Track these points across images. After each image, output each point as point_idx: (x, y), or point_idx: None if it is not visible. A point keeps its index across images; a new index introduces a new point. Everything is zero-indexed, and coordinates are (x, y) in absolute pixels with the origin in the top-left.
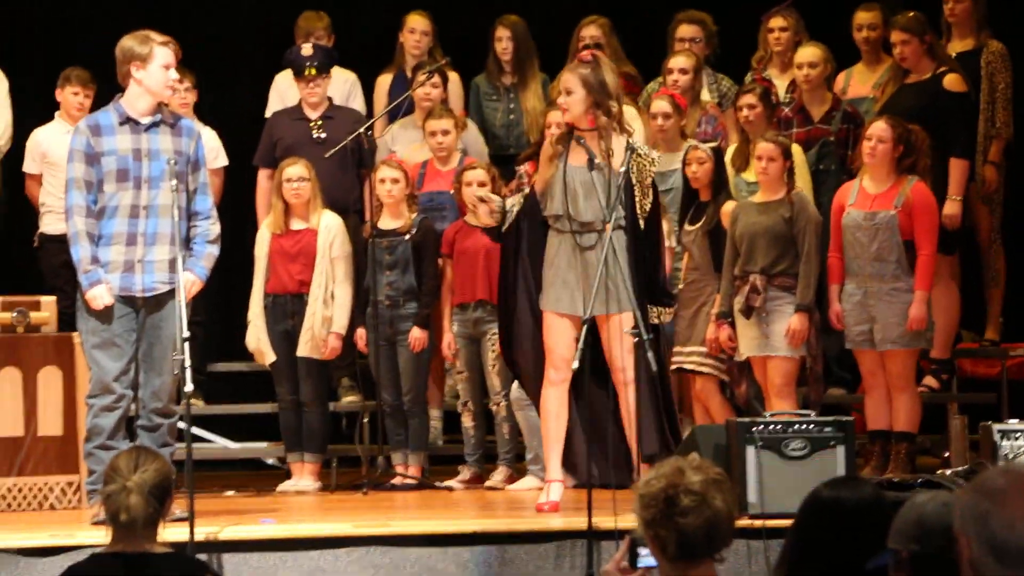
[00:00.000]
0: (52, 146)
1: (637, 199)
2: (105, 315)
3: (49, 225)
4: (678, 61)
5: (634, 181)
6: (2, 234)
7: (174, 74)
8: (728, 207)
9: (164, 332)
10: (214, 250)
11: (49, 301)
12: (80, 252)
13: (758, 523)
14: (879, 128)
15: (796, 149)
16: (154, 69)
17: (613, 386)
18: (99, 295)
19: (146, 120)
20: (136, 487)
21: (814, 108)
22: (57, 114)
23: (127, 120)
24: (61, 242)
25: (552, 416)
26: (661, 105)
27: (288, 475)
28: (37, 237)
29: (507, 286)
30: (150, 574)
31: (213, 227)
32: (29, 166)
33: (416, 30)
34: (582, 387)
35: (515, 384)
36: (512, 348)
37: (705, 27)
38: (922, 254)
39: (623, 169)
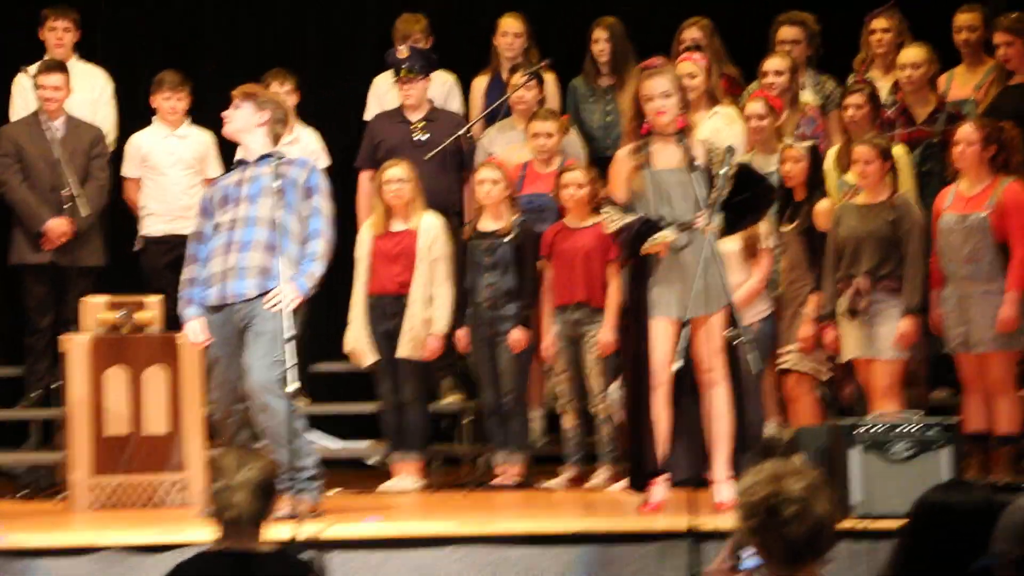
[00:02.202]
0: (153, 150)
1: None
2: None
3: (151, 227)
4: (773, 63)
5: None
6: (117, 236)
7: None
8: (823, 206)
9: (259, 332)
10: (316, 267)
11: (153, 301)
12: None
13: (861, 526)
14: (966, 131)
15: (901, 151)
16: None
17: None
18: (189, 332)
19: (254, 158)
20: (241, 485)
21: (917, 109)
22: (155, 118)
23: (240, 163)
24: (164, 243)
25: (654, 419)
26: (755, 107)
27: (390, 474)
28: (139, 240)
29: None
30: (256, 572)
31: (319, 245)
32: (128, 170)
33: (509, 32)
34: (684, 387)
35: (614, 385)
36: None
37: (807, 28)
38: (1015, 255)
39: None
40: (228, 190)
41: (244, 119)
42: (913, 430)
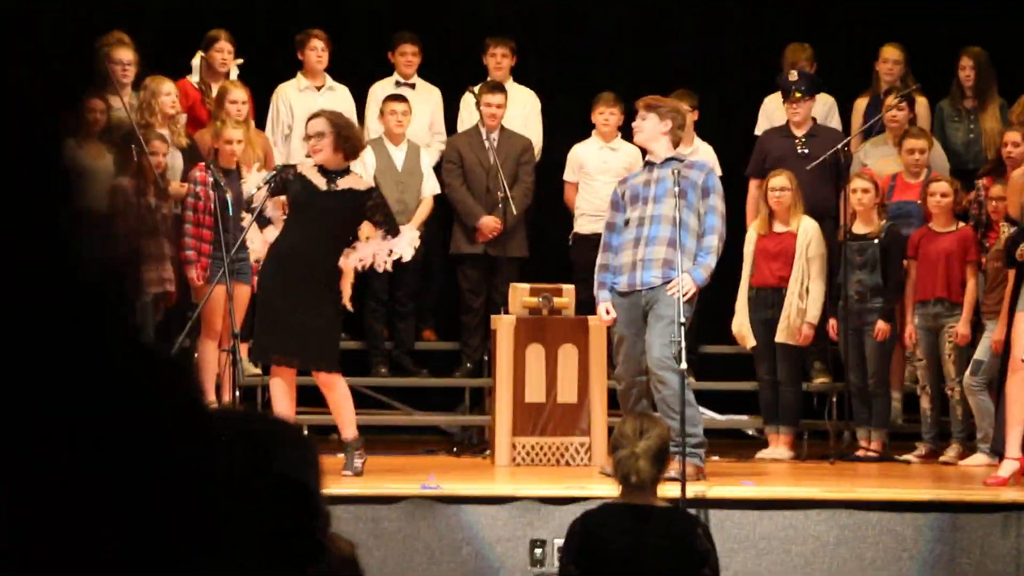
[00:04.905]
0: (589, 160)
1: None
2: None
3: (583, 226)
4: None
5: None
6: (539, 232)
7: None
8: None
9: (659, 315)
10: (711, 260)
11: (569, 288)
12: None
13: None
14: None
15: None
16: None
17: None
18: (601, 310)
19: (659, 162)
20: (643, 453)
21: None
22: (594, 132)
23: (647, 164)
24: (591, 241)
25: (1012, 401)
26: None
27: (765, 444)
28: (572, 236)
29: None
30: (654, 524)
31: (713, 241)
32: (569, 176)
33: (888, 60)
34: None
35: (967, 372)
36: None
37: None
38: None
39: None
40: (637, 189)
41: (650, 129)
42: None
